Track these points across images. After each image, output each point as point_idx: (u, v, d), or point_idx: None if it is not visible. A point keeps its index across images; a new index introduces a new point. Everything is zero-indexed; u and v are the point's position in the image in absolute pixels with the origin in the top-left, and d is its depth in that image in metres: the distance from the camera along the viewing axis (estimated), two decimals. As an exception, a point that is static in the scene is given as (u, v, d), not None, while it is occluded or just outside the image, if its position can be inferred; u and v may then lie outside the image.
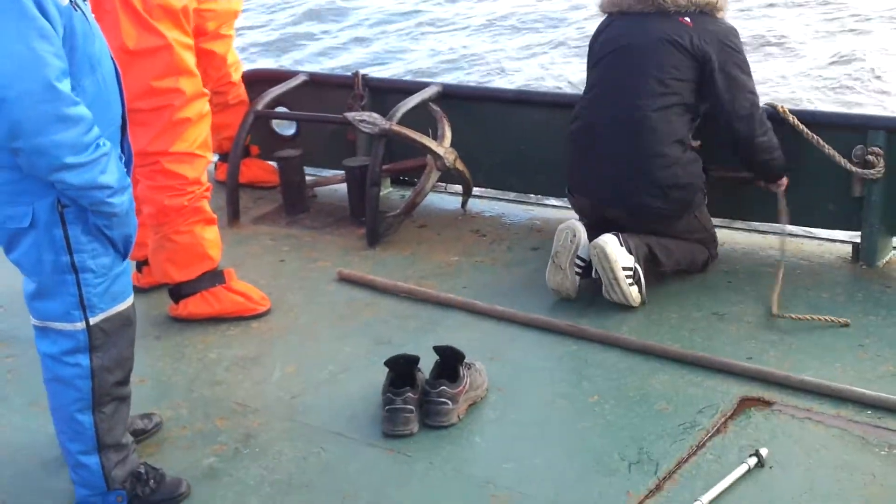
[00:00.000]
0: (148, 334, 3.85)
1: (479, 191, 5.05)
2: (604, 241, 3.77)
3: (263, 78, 5.42)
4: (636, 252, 3.80)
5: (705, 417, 3.12)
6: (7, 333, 3.99)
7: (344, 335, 3.82)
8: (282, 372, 3.59)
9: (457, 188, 5.02)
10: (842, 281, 3.98)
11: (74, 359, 2.69)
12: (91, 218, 2.62)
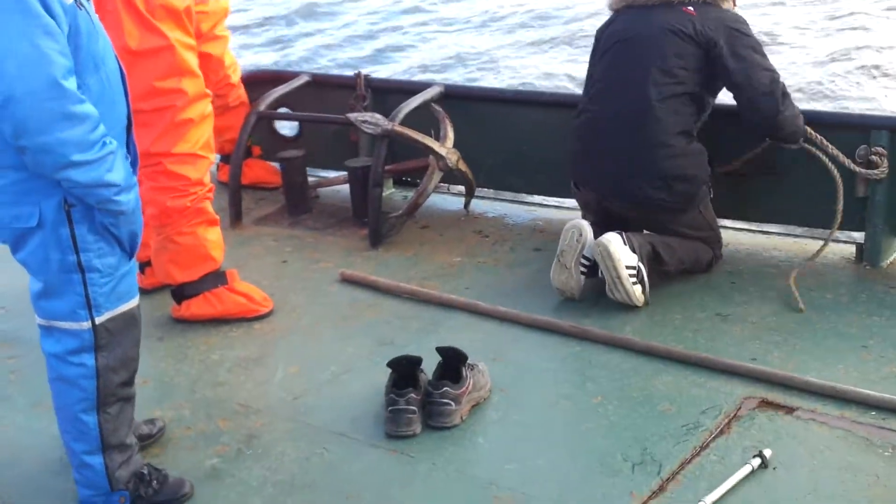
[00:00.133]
0: (150, 335, 3.83)
1: (482, 191, 5.05)
2: (607, 240, 3.76)
3: (265, 79, 5.42)
4: (640, 251, 3.79)
5: (709, 418, 3.12)
6: (10, 334, 3.99)
7: (346, 336, 3.82)
8: (284, 373, 3.59)
9: (459, 189, 5.02)
10: (845, 281, 3.97)
11: (79, 358, 2.69)
12: (98, 216, 2.62)
